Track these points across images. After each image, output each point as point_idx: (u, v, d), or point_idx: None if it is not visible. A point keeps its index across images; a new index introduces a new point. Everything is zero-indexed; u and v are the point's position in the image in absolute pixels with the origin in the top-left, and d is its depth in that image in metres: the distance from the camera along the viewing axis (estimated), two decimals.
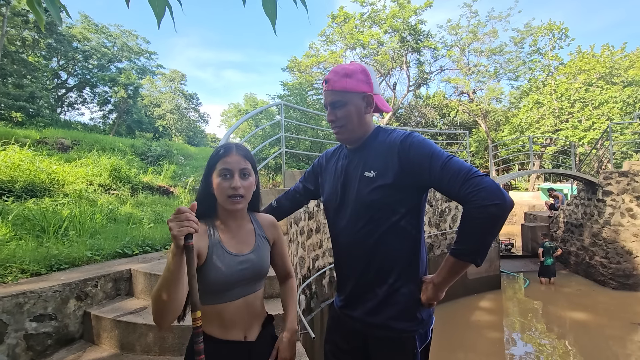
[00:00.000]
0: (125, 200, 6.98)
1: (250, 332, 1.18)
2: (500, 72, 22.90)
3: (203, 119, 37.95)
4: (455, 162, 1.09)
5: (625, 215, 8.17)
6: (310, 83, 19.91)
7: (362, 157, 1.25)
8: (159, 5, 1.04)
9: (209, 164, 1.17)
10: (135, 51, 27.36)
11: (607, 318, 6.65)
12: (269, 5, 1.09)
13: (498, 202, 0.99)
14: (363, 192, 1.20)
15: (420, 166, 1.12)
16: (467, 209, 1.04)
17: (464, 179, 1.04)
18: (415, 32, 20.24)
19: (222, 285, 1.10)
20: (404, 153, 1.15)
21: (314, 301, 4.28)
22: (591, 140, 16.83)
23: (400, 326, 1.17)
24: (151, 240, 3.70)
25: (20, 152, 6.96)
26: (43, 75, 19.39)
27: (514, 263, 10.39)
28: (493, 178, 8.39)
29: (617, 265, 8.08)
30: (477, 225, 1.02)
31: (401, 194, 1.16)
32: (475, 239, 1.05)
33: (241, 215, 1.22)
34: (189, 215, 0.91)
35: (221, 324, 1.12)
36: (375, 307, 1.20)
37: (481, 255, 1.06)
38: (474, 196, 1.01)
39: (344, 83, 1.22)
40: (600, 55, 20.05)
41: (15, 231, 3.59)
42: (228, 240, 1.16)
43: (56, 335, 2.26)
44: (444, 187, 1.09)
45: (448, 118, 24.90)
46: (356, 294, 1.25)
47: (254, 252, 1.19)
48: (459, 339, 5.94)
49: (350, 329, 1.28)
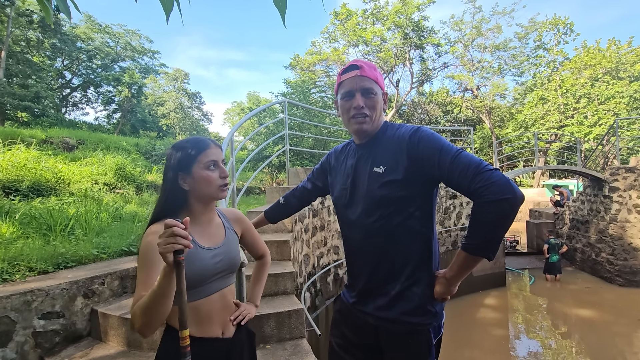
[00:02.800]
0: (130, 198, 7.02)
1: (227, 328, 1.18)
2: (504, 68, 22.75)
3: (206, 118, 38.03)
4: (465, 155, 1.08)
5: (632, 212, 8.09)
6: (313, 80, 19.87)
7: (371, 153, 1.25)
8: (167, 0, 1.03)
9: (183, 159, 1.12)
10: (138, 50, 27.46)
11: (613, 315, 6.59)
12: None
13: (509, 197, 0.98)
14: (373, 187, 1.19)
15: (429, 160, 1.11)
16: (478, 204, 1.04)
17: (474, 173, 1.03)
18: (419, 28, 20.12)
19: (198, 280, 1.09)
20: (413, 147, 1.14)
21: (319, 299, 4.29)
22: (597, 136, 16.68)
23: (415, 320, 1.17)
24: None
25: (26, 152, 7.01)
26: (48, 75, 19.53)
27: (519, 260, 10.34)
28: None
29: (623, 262, 8.01)
30: (488, 219, 1.02)
31: (411, 189, 1.16)
32: (486, 234, 1.04)
33: (212, 208, 1.22)
34: (176, 230, 0.85)
35: (198, 320, 1.11)
36: (388, 303, 1.19)
37: (493, 249, 1.05)
38: (484, 190, 1.01)
39: (376, 74, 1.23)
40: (606, 50, 19.83)
41: (22, 230, 3.62)
42: (200, 234, 1.15)
43: (64, 333, 2.28)
44: (453, 181, 1.09)
45: (452, 115, 24.76)
46: (368, 289, 1.25)
47: (225, 244, 1.19)
48: (465, 336, 5.92)
49: (361, 324, 1.27)
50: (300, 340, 2.34)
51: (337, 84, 1.29)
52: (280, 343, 2.33)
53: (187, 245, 0.86)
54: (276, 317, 2.37)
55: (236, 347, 1.19)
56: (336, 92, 1.31)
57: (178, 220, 0.87)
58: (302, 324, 2.41)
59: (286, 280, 2.74)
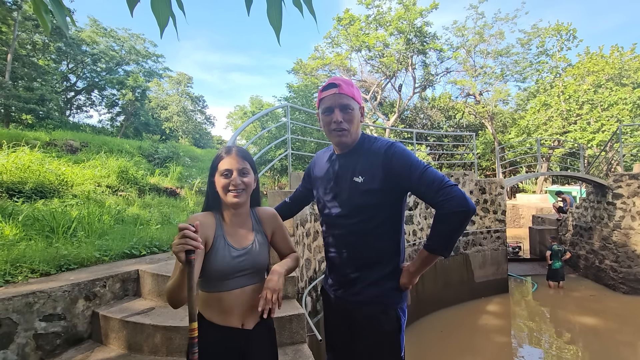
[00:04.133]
0: (132, 201, 7.04)
1: (247, 321, 1.29)
2: (507, 73, 22.69)
3: (209, 121, 38.21)
4: (431, 172, 1.29)
5: (636, 219, 8.03)
6: (316, 85, 19.93)
7: (351, 163, 1.42)
8: (162, 15, 1.04)
9: (212, 166, 1.33)
10: (142, 54, 27.64)
11: (617, 323, 6.52)
12: (274, 15, 1.08)
13: (465, 209, 1.22)
14: (353, 195, 1.38)
15: (401, 174, 1.32)
16: (439, 213, 1.26)
17: (438, 187, 1.25)
18: (421, 34, 20.17)
19: (221, 274, 1.23)
20: (387, 162, 1.33)
21: (320, 303, 4.27)
22: (600, 142, 16.60)
23: (385, 301, 1.39)
24: (158, 241, 3.72)
25: (30, 154, 7.05)
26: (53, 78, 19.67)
27: (521, 266, 10.26)
28: (500, 180, 8.29)
29: (627, 269, 7.94)
30: (447, 227, 1.26)
31: (386, 197, 1.36)
32: (445, 238, 1.28)
33: (243, 212, 1.35)
34: (187, 232, 0.98)
35: (220, 311, 1.24)
36: (362, 289, 1.40)
37: (449, 250, 1.30)
38: (445, 203, 1.23)
39: (353, 91, 1.39)
40: (609, 56, 19.79)
41: (25, 231, 3.63)
42: (231, 234, 1.30)
43: (65, 335, 2.28)
44: (420, 193, 1.31)
45: (454, 120, 24.73)
46: (346, 279, 1.45)
47: (252, 246, 1.32)
48: (467, 342, 5.87)
49: (340, 307, 1.48)
50: (301, 345, 2.32)
51: (319, 100, 1.43)
52: (281, 348, 2.31)
53: (197, 247, 0.98)
54: (277, 322, 2.36)
55: (256, 339, 1.29)
56: (318, 106, 1.46)
57: (190, 225, 1.00)
58: (303, 329, 2.40)
59: (287, 285, 2.73)
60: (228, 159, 1.28)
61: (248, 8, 1.11)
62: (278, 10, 1.08)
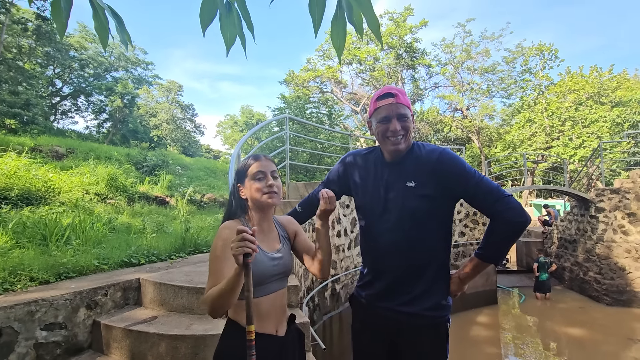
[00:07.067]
0: (121, 209, 6.91)
1: (280, 326, 1.31)
2: (492, 90, 23.44)
3: (199, 130, 37.88)
4: (487, 181, 1.33)
5: (617, 232, 8.32)
6: (307, 97, 20.13)
7: (403, 169, 1.41)
8: (230, 35, 1.08)
9: (239, 172, 1.35)
10: (132, 61, 27.44)
11: (602, 334, 6.69)
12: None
13: (522, 220, 1.28)
14: (407, 200, 1.37)
15: (454, 182, 1.34)
16: (496, 223, 1.30)
17: (496, 198, 1.29)
18: (411, 49, 20.74)
19: (259, 280, 1.22)
20: (439, 169, 1.34)
21: (317, 313, 4.26)
22: (582, 157, 17.19)
23: (435, 314, 1.38)
24: (156, 250, 3.68)
25: (16, 160, 6.87)
26: (38, 82, 19.29)
27: (509, 278, 10.45)
28: None
29: (610, 281, 8.18)
30: (502, 236, 1.31)
31: (438, 203, 1.37)
32: (500, 247, 1.32)
33: (270, 216, 1.38)
34: (246, 236, 1.00)
35: (258, 317, 1.22)
36: (411, 300, 1.37)
37: (502, 258, 1.34)
38: (504, 213, 1.27)
39: (408, 101, 1.43)
40: (588, 76, 20.66)
41: (15, 239, 3.53)
42: (261, 239, 1.30)
43: (65, 345, 2.23)
44: (477, 202, 1.34)
45: (442, 133, 25.25)
46: (392, 288, 1.41)
47: (281, 250, 1.35)
48: (457, 353, 5.91)
49: (382, 318, 1.42)
50: (307, 354, 2.33)
51: (373, 108, 1.43)
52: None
53: (254, 250, 1.01)
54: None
55: (288, 345, 1.31)
56: (370, 114, 1.46)
57: (248, 227, 1.02)
58: (307, 338, 2.41)
59: (291, 293, 2.74)
60: (259, 162, 1.32)
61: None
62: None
